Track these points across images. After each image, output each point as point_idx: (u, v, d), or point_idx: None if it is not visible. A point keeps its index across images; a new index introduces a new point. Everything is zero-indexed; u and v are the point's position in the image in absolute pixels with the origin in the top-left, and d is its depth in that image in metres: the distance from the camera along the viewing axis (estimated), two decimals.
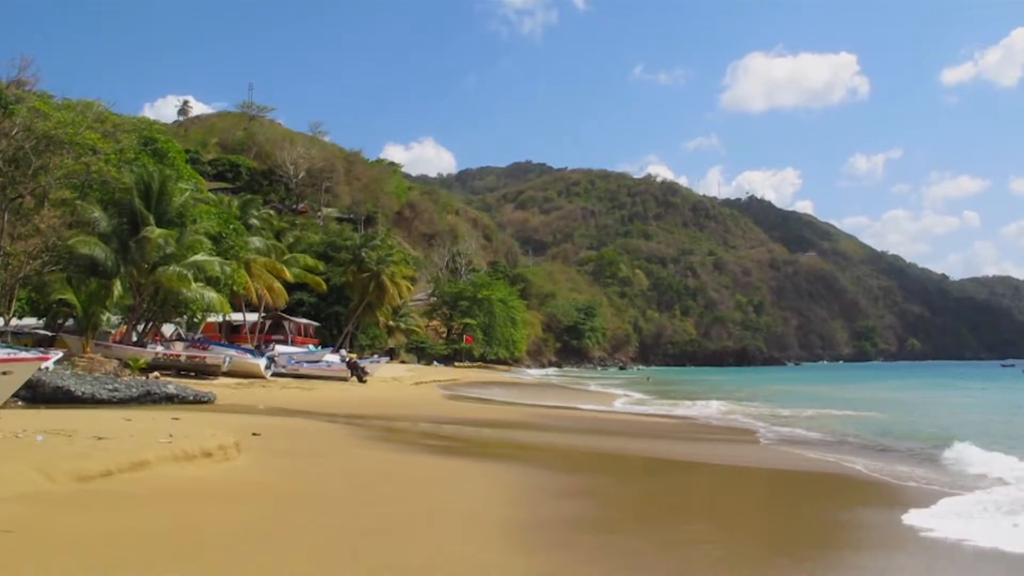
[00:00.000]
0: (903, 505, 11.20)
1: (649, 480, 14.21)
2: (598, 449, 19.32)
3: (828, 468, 15.74)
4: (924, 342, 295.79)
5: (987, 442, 19.02)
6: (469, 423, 24.05)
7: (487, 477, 13.10)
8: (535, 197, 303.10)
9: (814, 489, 13.72)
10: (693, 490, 12.25)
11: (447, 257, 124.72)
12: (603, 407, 36.58)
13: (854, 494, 13.07)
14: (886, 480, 14.05)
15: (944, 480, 14.09)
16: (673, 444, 21.10)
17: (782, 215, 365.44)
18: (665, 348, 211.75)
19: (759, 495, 13.20)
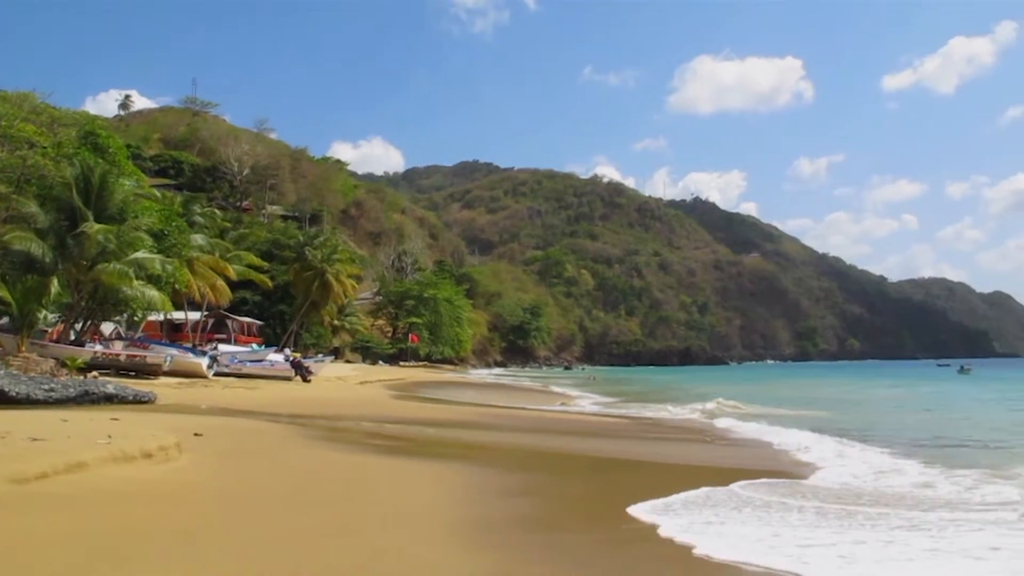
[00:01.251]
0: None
1: (595, 479, 14.21)
2: (545, 448, 19.29)
3: (773, 466, 15.88)
4: (863, 342, 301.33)
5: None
6: (415, 422, 23.92)
7: (433, 476, 13.01)
8: (482, 197, 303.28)
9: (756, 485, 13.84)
10: (639, 489, 12.25)
11: (393, 256, 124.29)
12: (549, 406, 36.71)
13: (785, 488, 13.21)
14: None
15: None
16: (620, 443, 21.19)
17: (727, 216, 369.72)
18: (610, 348, 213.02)
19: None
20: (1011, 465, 15.70)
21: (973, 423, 28.84)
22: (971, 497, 12.02)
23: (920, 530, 9.36)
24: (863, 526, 9.67)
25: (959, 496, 12.15)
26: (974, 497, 12.01)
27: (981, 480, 13.58)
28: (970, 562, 7.94)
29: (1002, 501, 11.58)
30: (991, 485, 13.03)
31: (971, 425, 27.80)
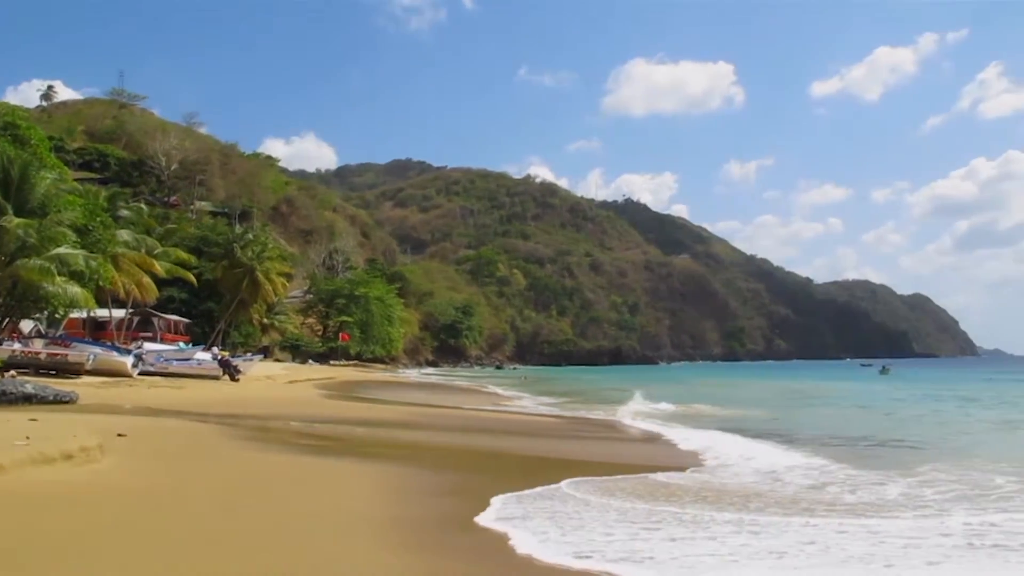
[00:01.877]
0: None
1: (526, 478, 14.23)
2: (477, 447, 19.28)
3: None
4: (789, 342, 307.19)
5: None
6: (345, 422, 23.72)
7: (364, 476, 12.90)
8: (415, 195, 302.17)
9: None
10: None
11: (324, 254, 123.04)
12: (481, 406, 36.72)
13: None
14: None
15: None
16: (551, 442, 21.28)
17: (658, 218, 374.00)
18: (542, 347, 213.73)
19: (628, 491, 13.35)
20: (918, 464, 16.20)
21: (893, 421, 29.65)
22: (845, 498, 12.13)
23: (747, 532, 9.30)
24: (682, 525, 9.62)
25: (833, 496, 12.28)
26: (848, 498, 12.13)
27: (875, 480, 13.90)
28: (770, 561, 7.99)
29: (873, 501, 11.76)
30: (880, 485, 13.28)
31: (890, 423, 28.56)
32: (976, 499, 11.85)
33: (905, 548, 8.56)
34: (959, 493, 12.38)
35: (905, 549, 8.51)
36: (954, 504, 11.39)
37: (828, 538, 8.94)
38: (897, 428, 26.40)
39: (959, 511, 10.77)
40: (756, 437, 21.75)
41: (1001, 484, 13.14)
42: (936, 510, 10.94)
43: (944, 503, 11.53)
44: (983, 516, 10.34)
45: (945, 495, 12.18)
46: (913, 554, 8.28)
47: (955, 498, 11.94)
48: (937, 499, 11.86)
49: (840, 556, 8.15)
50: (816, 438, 22.21)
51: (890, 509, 11.03)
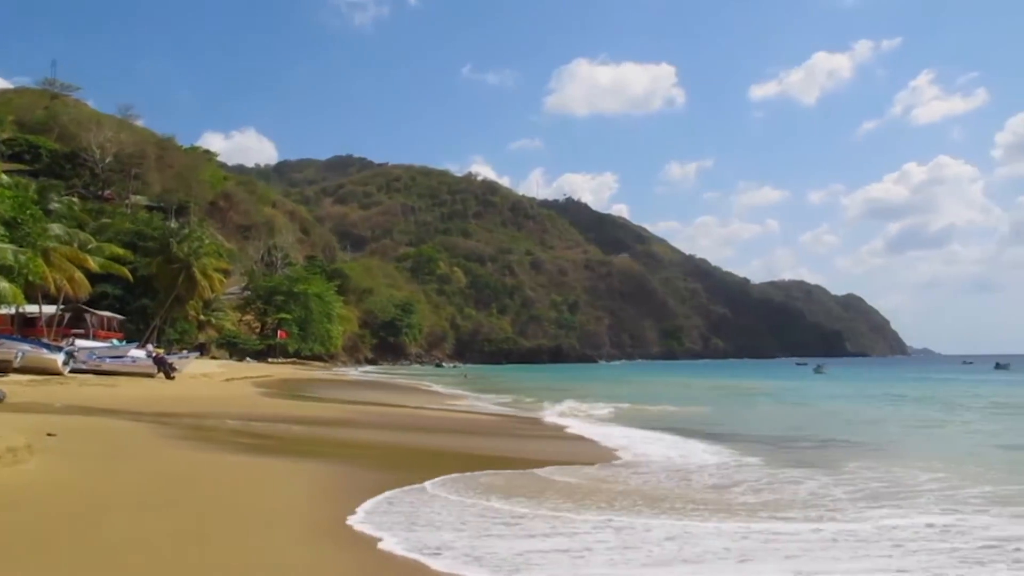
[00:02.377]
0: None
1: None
2: (416, 446, 19.24)
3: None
4: (727, 341, 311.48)
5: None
6: (283, 420, 23.50)
7: (301, 476, 12.78)
8: (355, 192, 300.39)
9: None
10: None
11: (263, 250, 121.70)
12: (423, 404, 36.60)
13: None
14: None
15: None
16: (490, 440, 21.29)
17: (598, 217, 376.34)
18: (482, 345, 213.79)
19: (558, 487, 13.39)
20: (846, 461, 16.61)
21: (827, 419, 30.26)
22: (745, 497, 12.13)
23: (587, 531, 9.22)
24: (508, 525, 9.54)
25: (735, 495, 12.30)
26: (748, 497, 12.13)
27: (791, 478, 14.11)
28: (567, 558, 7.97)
29: (774, 500, 11.83)
30: (795, 483, 13.45)
31: (824, 422, 29.11)
32: (887, 497, 12.01)
33: (766, 544, 8.66)
34: (871, 492, 12.55)
35: (765, 545, 8.60)
36: (859, 503, 11.50)
37: (682, 537, 8.95)
38: (830, 426, 26.94)
39: (854, 510, 10.89)
40: (686, 435, 22.11)
41: (922, 482, 13.49)
42: (829, 509, 11.02)
43: (852, 501, 11.63)
44: (879, 513, 10.56)
45: (854, 494, 12.29)
46: (772, 551, 8.33)
47: (865, 496, 12.09)
48: (844, 498, 11.97)
49: (665, 555, 8.12)
50: (747, 436, 22.64)
51: (787, 508, 11.07)
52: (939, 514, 10.43)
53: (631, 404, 35.78)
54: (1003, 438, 22.79)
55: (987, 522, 9.81)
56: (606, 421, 27.09)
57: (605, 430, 23.53)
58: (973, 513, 10.47)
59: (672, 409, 33.97)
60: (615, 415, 30.28)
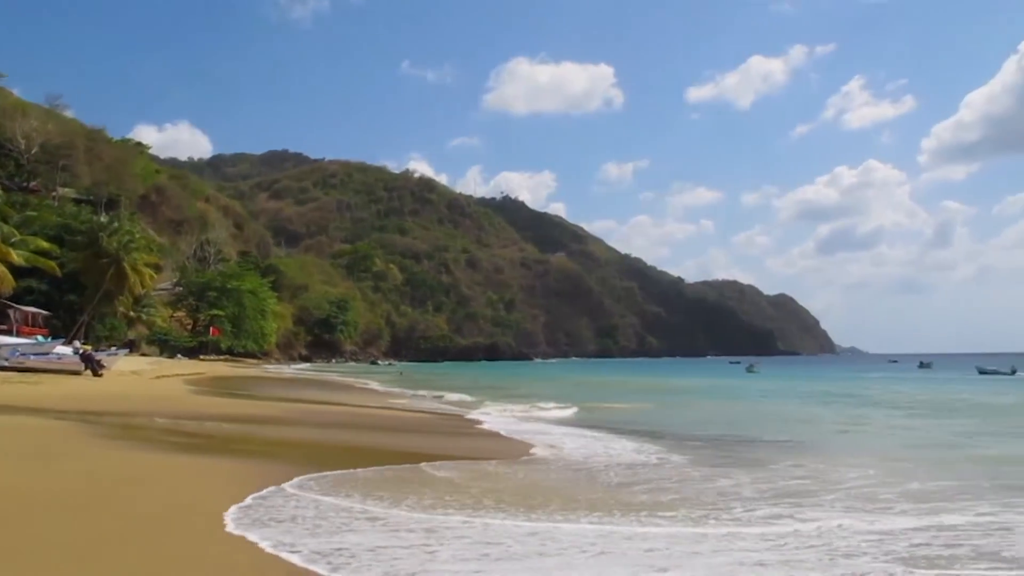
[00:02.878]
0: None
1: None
2: (350, 444, 19.17)
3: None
4: (661, 340, 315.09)
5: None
6: (215, 418, 23.18)
7: (232, 474, 12.65)
8: (291, 187, 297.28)
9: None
10: (437, 481, 12.51)
11: (195, 245, 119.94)
12: (357, 402, 36.45)
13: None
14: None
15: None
16: (424, 438, 21.32)
17: (535, 216, 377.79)
18: (417, 343, 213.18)
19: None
20: (777, 459, 17.01)
21: (758, 417, 30.91)
22: (638, 497, 11.96)
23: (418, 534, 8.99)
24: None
25: (629, 495, 12.13)
26: (641, 497, 11.97)
27: (703, 476, 14.31)
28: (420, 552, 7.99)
29: (665, 501, 11.62)
30: (708, 482, 13.57)
31: (756, 419, 29.73)
32: (800, 495, 12.06)
33: (624, 542, 8.62)
34: (782, 490, 12.61)
35: (619, 544, 8.54)
36: (761, 502, 11.44)
37: (545, 534, 8.90)
38: (763, 424, 27.46)
39: (743, 509, 10.86)
40: (619, 433, 22.41)
41: (839, 480, 13.80)
42: (719, 508, 10.94)
43: (757, 500, 11.58)
44: (775, 511, 10.65)
45: (765, 493, 12.28)
46: (624, 551, 8.27)
47: (776, 495, 12.08)
48: (753, 496, 11.96)
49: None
50: (680, 434, 22.81)
51: (677, 507, 10.90)
52: (841, 512, 10.58)
53: (567, 402, 35.83)
54: (927, 435, 23.50)
55: (885, 521, 10.01)
56: (537, 420, 27.25)
57: (530, 427, 23.83)
58: (877, 512, 10.63)
59: (607, 407, 34.34)
60: (549, 413, 30.43)
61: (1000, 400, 41.78)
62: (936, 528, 9.53)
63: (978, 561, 8.06)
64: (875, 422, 28.59)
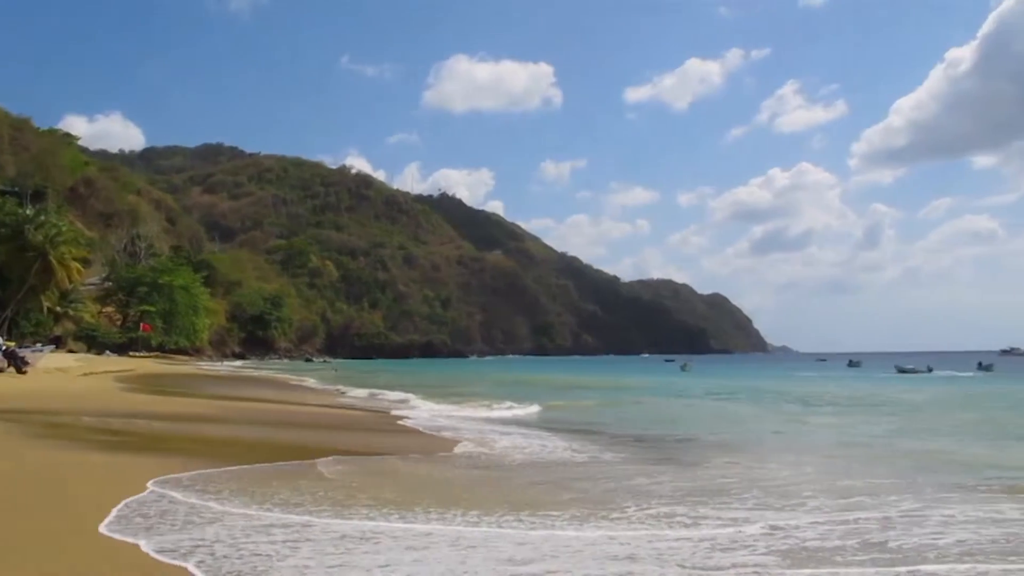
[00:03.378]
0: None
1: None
2: (283, 442, 19.05)
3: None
4: (597, 338, 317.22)
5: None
6: (145, 416, 22.87)
7: (159, 473, 12.51)
8: (225, 181, 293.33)
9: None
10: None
11: (126, 239, 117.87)
12: (289, 400, 36.19)
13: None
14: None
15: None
16: (345, 435, 21.32)
17: (472, 214, 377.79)
18: (352, 340, 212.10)
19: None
20: (703, 457, 17.37)
21: (692, 415, 31.33)
22: (541, 497, 11.62)
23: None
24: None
25: (520, 496, 11.73)
26: (528, 495, 11.73)
27: (620, 474, 14.23)
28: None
29: (563, 500, 11.38)
30: (628, 480, 13.46)
31: (690, 418, 30.12)
32: (713, 494, 11.98)
33: (426, 548, 8.29)
34: (698, 489, 12.60)
35: (427, 549, 8.28)
36: (664, 503, 11.23)
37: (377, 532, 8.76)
38: (699, 422, 27.79)
39: (636, 508, 10.70)
40: (552, 431, 22.47)
41: (775, 477, 14.02)
42: (613, 507, 10.73)
43: (664, 499, 11.49)
44: (668, 510, 10.56)
45: (676, 492, 12.23)
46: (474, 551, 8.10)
47: (687, 494, 12.00)
48: (668, 495, 11.91)
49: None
50: (617, 432, 22.87)
51: (568, 507, 10.69)
52: (748, 509, 10.70)
53: (504, 400, 35.94)
54: (857, 432, 23.91)
55: (789, 517, 10.12)
56: (474, 418, 27.30)
57: (463, 424, 23.91)
58: (789, 509, 10.76)
59: (554, 405, 34.41)
60: (492, 412, 30.43)
61: (916, 397, 43.02)
62: (841, 523, 9.77)
63: (861, 553, 8.27)
64: (808, 420, 29.06)
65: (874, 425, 26.27)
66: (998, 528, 9.57)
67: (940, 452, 18.48)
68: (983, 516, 10.25)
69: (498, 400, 36.21)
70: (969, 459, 17.03)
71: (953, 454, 18.02)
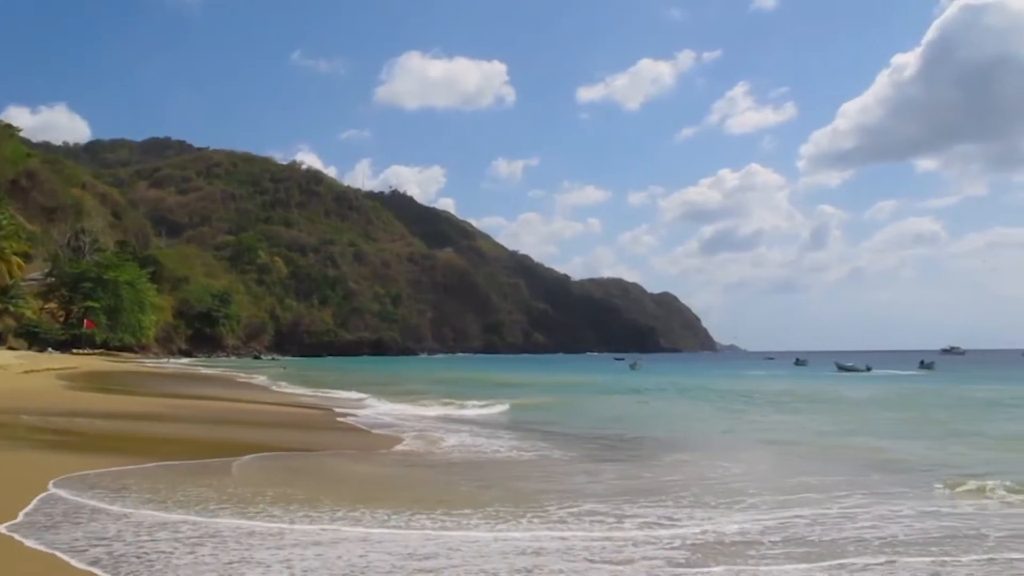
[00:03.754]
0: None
1: (274, 469, 14.15)
2: (230, 440, 18.85)
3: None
4: (546, 336, 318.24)
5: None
6: (88, 415, 22.57)
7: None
8: (173, 176, 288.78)
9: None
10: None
11: (70, 234, 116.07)
12: (236, 397, 35.83)
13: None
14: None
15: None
16: (285, 432, 21.31)
17: (424, 211, 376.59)
18: (302, 338, 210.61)
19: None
20: (649, 456, 17.65)
21: (646, 415, 31.61)
22: (462, 495, 11.75)
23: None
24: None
25: (426, 494, 11.73)
26: (443, 493, 11.83)
27: (564, 473, 14.42)
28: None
29: (478, 500, 11.32)
30: (567, 477, 13.65)
31: (643, 417, 30.39)
32: (647, 494, 11.99)
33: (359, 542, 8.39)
34: (638, 487, 12.72)
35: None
36: (595, 500, 11.31)
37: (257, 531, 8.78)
38: (652, 421, 28.14)
39: (558, 507, 10.71)
40: (507, 429, 22.67)
41: (721, 476, 14.19)
42: (531, 508, 10.62)
43: (593, 498, 11.49)
44: (590, 508, 10.65)
45: (609, 491, 12.29)
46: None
47: (618, 493, 12.07)
48: (601, 492, 12.04)
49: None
50: (565, 432, 22.97)
51: (486, 506, 10.67)
52: (673, 507, 10.81)
53: (466, 399, 35.71)
54: (806, 429, 24.32)
55: (718, 516, 10.24)
56: (423, 417, 27.23)
57: (413, 423, 23.96)
58: (723, 507, 10.88)
59: (512, 403, 34.27)
60: (443, 411, 30.36)
61: (859, 395, 44.00)
62: (773, 520, 9.97)
63: (779, 547, 8.48)
64: (757, 418, 29.31)
65: (818, 423, 26.75)
66: (935, 521, 9.91)
67: (881, 449, 18.87)
68: (923, 511, 10.55)
69: (456, 398, 36.14)
70: (909, 456, 17.40)
71: (895, 451, 18.40)
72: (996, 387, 49.06)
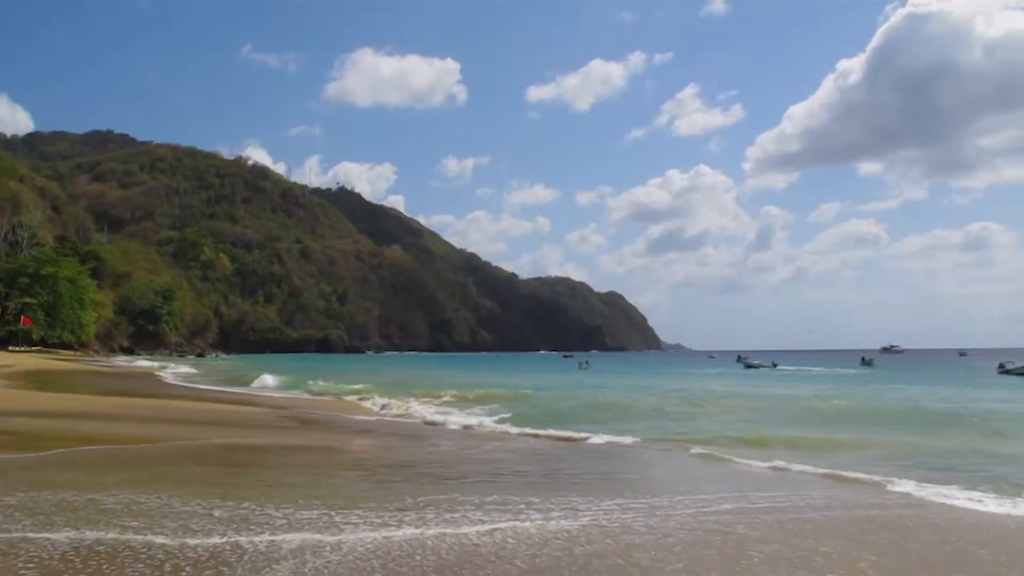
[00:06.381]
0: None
1: (215, 465, 14.06)
2: (174, 438, 18.66)
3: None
4: (494, 335, 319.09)
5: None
6: (22, 414, 22.18)
7: (37, 473, 12.17)
8: (115, 170, 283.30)
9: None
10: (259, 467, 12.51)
11: (6, 228, 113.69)
12: (177, 395, 35.44)
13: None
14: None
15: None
16: (247, 432, 21.11)
17: (371, 208, 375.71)
18: (247, 335, 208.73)
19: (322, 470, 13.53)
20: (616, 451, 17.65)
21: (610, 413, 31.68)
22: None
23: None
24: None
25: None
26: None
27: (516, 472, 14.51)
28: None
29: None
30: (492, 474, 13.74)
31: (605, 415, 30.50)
32: (570, 488, 12.17)
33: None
34: (566, 481, 12.94)
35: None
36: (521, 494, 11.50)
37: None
38: (613, 419, 28.14)
39: (414, 502, 10.73)
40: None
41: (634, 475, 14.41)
42: (405, 507, 10.51)
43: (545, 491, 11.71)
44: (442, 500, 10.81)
45: (564, 484, 12.58)
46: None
47: (543, 489, 12.13)
48: (518, 483, 12.32)
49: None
50: None
51: (382, 503, 10.63)
52: (547, 503, 10.91)
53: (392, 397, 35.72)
54: (739, 427, 24.67)
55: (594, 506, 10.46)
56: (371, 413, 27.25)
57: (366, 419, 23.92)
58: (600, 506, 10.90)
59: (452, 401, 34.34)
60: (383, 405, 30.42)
61: (800, 392, 44.89)
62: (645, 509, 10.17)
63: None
64: (699, 416, 29.60)
65: (754, 419, 27.14)
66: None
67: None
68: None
69: (413, 397, 35.82)
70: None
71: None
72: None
